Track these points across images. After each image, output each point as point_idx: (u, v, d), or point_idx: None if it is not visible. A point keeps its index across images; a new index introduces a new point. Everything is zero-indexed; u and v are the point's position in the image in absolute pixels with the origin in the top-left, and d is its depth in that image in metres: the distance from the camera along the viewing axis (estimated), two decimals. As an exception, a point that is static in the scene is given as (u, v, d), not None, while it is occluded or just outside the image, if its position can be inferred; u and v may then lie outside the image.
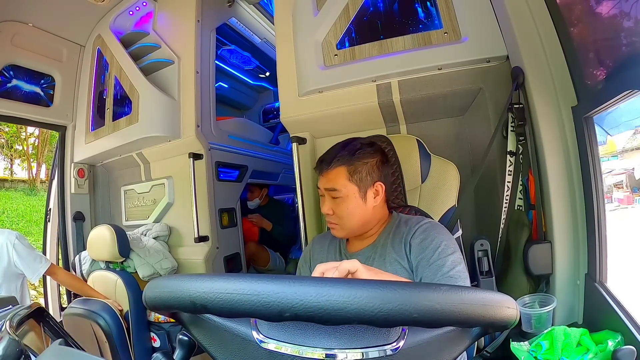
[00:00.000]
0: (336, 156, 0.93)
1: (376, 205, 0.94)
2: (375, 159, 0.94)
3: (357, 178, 0.91)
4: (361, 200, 0.91)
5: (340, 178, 0.91)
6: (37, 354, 0.66)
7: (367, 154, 0.93)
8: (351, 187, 0.91)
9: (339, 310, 0.35)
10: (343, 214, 0.92)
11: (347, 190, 0.91)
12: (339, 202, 0.92)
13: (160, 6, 2.05)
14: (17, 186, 9.83)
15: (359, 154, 0.93)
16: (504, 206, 1.21)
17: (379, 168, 0.94)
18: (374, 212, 0.94)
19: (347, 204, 0.91)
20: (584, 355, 0.81)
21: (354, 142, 0.96)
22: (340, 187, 0.91)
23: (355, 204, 0.91)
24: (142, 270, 1.78)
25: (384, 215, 0.99)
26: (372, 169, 0.93)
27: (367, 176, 0.92)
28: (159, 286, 0.45)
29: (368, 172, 0.92)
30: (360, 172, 0.91)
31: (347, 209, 0.91)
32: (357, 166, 0.91)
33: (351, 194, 0.91)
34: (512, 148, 1.22)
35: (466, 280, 0.81)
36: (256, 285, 0.38)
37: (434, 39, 1.29)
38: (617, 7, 0.88)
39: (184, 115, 1.88)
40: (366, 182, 0.92)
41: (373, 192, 0.93)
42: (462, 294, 0.38)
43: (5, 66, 1.94)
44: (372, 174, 0.93)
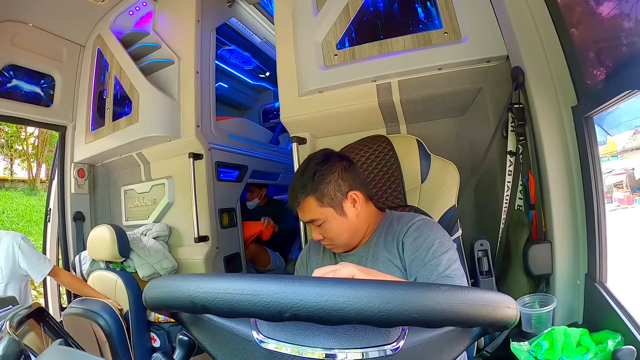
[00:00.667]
0: (299, 189, 0.92)
1: (359, 212, 0.93)
2: (335, 173, 0.92)
3: (327, 200, 0.90)
4: (341, 217, 0.91)
5: (313, 208, 0.91)
6: (37, 354, 0.66)
7: (327, 172, 0.91)
8: (326, 210, 0.91)
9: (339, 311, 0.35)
10: (331, 235, 0.93)
11: (324, 215, 0.91)
12: (324, 227, 0.93)
13: (160, 6, 2.05)
14: (17, 186, 9.83)
15: (319, 177, 0.91)
16: (504, 206, 1.21)
17: (343, 178, 0.92)
18: (359, 220, 0.94)
19: (330, 226, 0.92)
20: (584, 355, 0.81)
21: (309, 166, 0.94)
22: (317, 216, 0.91)
23: (338, 223, 0.91)
24: (142, 270, 1.78)
25: (373, 214, 0.98)
26: (337, 184, 0.91)
27: (337, 193, 0.91)
28: (159, 286, 0.45)
29: (335, 189, 0.91)
30: (328, 194, 0.90)
31: (332, 230, 0.92)
32: (321, 189, 0.90)
33: (329, 216, 0.91)
34: (512, 148, 1.22)
35: (462, 279, 0.81)
36: (256, 285, 0.38)
37: (434, 39, 1.29)
38: (618, 7, 0.88)
39: (184, 115, 1.88)
40: (337, 198, 0.91)
41: (350, 202, 0.92)
42: (462, 294, 0.38)
43: (5, 66, 1.94)
44: (340, 188, 0.91)
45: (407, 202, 1.17)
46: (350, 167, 0.96)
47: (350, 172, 0.94)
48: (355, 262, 0.93)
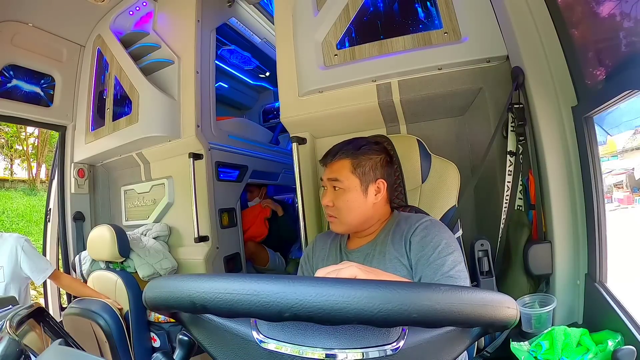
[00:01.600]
0: (342, 149, 0.96)
1: (377, 202, 0.95)
2: (380, 157, 0.96)
3: (360, 172, 0.93)
4: (362, 194, 0.93)
5: (344, 170, 0.93)
6: (37, 354, 0.66)
7: (373, 151, 0.96)
8: (353, 179, 0.93)
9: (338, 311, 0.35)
10: (342, 206, 0.93)
11: (349, 182, 0.92)
12: (340, 194, 0.93)
13: (160, 6, 2.05)
14: (17, 186, 9.82)
15: (364, 150, 0.95)
16: (504, 206, 1.21)
17: (382, 166, 0.96)
18: (374, 209, 0.95)
19: (347, 196, 0.93)
20: (584, 355, 0.81)
21: (360, 139, 0.99)
22: (343, 179, 0.93)
23: (355, 197, 0.92)
24: (142, 270, 1.78)
25: (385, 213, 0.99)
26: (375, 166, 0.95)
27: (370, 171, 0.94)
28: (158, 286, 0.45)
29: (371, 168, 0.94)
30: (363, 167, 0.93)
31: (346, 201, 0.93)
32: (361, 160, 0.93)
33: (352, 187, 0.92)
34: (512, 148, 1.22)
35: (466, 280, 0.81)
36: (256, 285, 0.38)
37: (434, 39, 1.29)
38: (617, 7, 0.88)
39: (184, 115, 1.88)
40: (369, 177, 0.93)
41: (375, 189, 0.94)
42: (461, 294, 0.38)
43: (5, 66, 1.94)
44: (375, 171, 0.94)
45: (407, 202, 1.17)
46: (391, 163, 1.01)
47: (389, 167, 0.99)
48: (362, 259, 0.93)
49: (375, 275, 0.62)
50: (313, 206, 1.58)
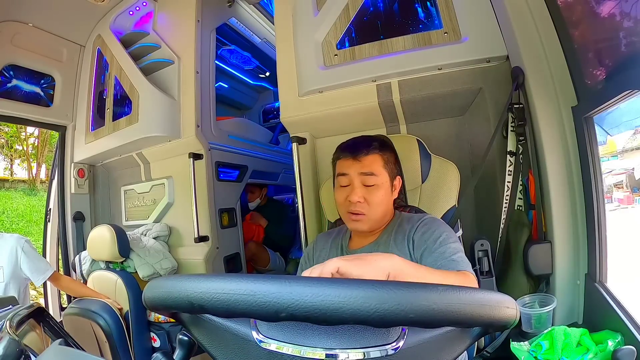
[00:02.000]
0: (371, 143, 0.93)
1: (392, 199, 0.95)
2: (395, 154, 0.98)
3: (389, 166, 0.93)
4: (389, 189, 0.93)
5: (376, 164, 0.91)
6: (37, 354, 0.66)
7: (391, 148, 0.97)
8: (385, 175, 0.92)
9: (334, 311, 0.35)
10: (375, 201, 0.90)
11: (382, 177, 0.91)
12: (373, 190, 0.90)
13: (160, 6, 2.05)
14: (17, 186, 9.82)
15: (387, 146, 0.96)
16: (504, 206, 1.21)
17: (398, 163, 0.98)
18: (389, 206, 0.96)
19: (379, 192, 0.90)
20: (584, 355, 0.81)
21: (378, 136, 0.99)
22: (378, 173, 0.90)
23: (385, 193, 0.91)
24: (142, 270, 1.78)
25: (391, 215, 0.99)
26: (395, 162, 0.97)
27: (394, 167, 0.95)
28: (158, 286, 0.45)
29: (394, 164, 0.95)
30: (390, 162, 0.94)
31: (378, 197, 0.90)
32: (388, 156, 0.94)
33: (384, 182, 0.91)
34: (512, 148, 1.22)
35: (468, 267, 0.80)
36: (252, 285, 0.38)
37: (434, 39, 1.29)
38: (617, 7, 0.88)
39: (184, 115, 1.88)
40: (393, 173, 0.94)
41: (393, 185, 0.95)
42: (459, 294, 0.38)
43: (5, 66, 1.94)
44: (396, 166, 0.96)
45: (407, 202, 1.17)
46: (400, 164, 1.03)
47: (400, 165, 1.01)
48: None
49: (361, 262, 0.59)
50: (313, 206, 1.58)
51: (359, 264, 0.57)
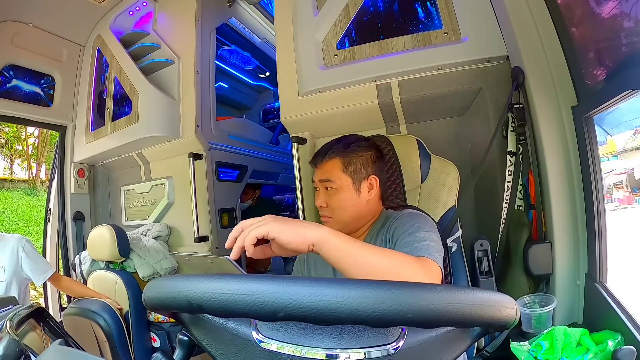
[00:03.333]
0: (331, 149, 0.95)
1: (370, 199, 0.95)
2: (369, 153, 0.96)
3: (352, 170, 0.93)
4: (355, 192, 0.93)
5: (335, 169, 0.93)
6: (37, 354, 0.66)
7: (362, 148, 0.96)
8: (345, 178, 0.92)
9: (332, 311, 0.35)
10: (336, 205, 0.93)
11: (341, 181, 0.92)
12: (333, 194, 0.93)
13: (160, 6, 2.05)
14: (17, 186, 9.82)
15: (354, 147, 0.95)
16: (504, 206, 1.21)
17: (373, 162, 0.96)
18: (368, 207, 0.95)
19: (340, 195, 0.92)
20: (584, 355, 0.81)
21: (349, 137, 0.99)
22: (335, 178, 0.92)
23: (348, 196, 0.92)
24: (142, 270, 1.78)
25: (377, 211, 0.99)
26: (366, 162, 0.94)
27: (362, 169, 0.93)
28: (157, 286, 0.45)
29: (362, 165, 0.94)
30: (354, 164, 0.93)
31: (340, 200, 0.92)
32: (351, 158, 0.93)
33: (345, 185, 0.92)
34: (512, 148, 1.21)
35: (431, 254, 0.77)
36: (250, 285, 0.38)
37: (434, 39, 1.29)
38: (618, 7, 0.88)
39: (184, 115, 1.88)
40: (360, 174, 0.93)
41: (367, 185, 0.94)
42: (458, 294, 0.38)
43: (5, 66, 1.94)
44: (367, 167, 0.94)
45: (407, 202, 1.17)
46: (382, 158, 1.00)
47: (380, 162, 0.98)
48: None
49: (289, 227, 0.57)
50: (313, 206, 1.58)
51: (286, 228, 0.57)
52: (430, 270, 0.73)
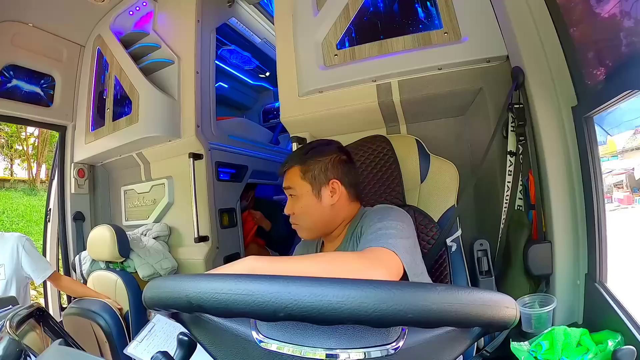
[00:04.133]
0: (291, 157, 0.97)
1: (335, 203, 0.94)
2: (329, 158, 0.95)
3: (310, 176, 0.93)
4: (315, 198, 0.93)
5: (294, 177, 0.94)
6: (37, 354, 0.66)
7: (321, 153, 0.95)
8: (304, 185, 0.93)
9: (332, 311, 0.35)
10: (299, 212, 0.94)
11: (300, 188, 0.93)
12: (295, 201, 0.94)
13: (160, 6, 2.05)
14: (17, 186, 9.82)
15: (311, 153, 0.95)
16: (504, 206, 1.21)
17: (335, 166, 0.95)
18: (333, 211, 0.94)
19: (301, 202, 0.93)
20: (584, 355, 0.81)
21: (311, 143, 1.00)
22: (294, 186, 0.94)
23: (308, 202, 0.93)
24: (142, 270, 1.78)
25: (351, 212, 0.98)
26: (325, 167, 0.94)
27: (321, 174, 0.93)
28: (157, 286, 0.45)
29: (321, 170, 0.93)
30: (312, 171, 0.93)
31: (301, 207, 0.93)
32: (309, 165, 0.94)
33: (305, 192, 0.93)
34: (512, 148, 1.21)
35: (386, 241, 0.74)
36: (251, 285, 0.38)
37: (434, 39, 1.29)
38: (617, 7, 0.88)
39: (184, 115, 1.88)
40: (320, 180, 0.93)
41: (329, 190, 0.93)
42: (458, 294, 0.38)
43: (5, 66, 1.94)
44: (327, 172, 0.93)
45: (406, 202, 1.17)
46: (347, 162, 0.98)
47: (343, 165, 0.97)
48: None
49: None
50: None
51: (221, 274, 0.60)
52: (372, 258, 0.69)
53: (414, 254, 0.80)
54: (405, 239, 0.78)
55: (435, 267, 1.11)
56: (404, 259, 0.71)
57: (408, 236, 0.80)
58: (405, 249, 0.74)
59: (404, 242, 0.76)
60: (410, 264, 0.73)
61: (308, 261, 0.66)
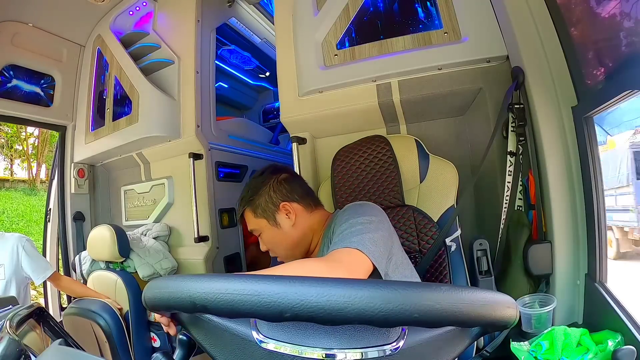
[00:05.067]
0: (240, 202, 1.00)
1: (294, 223, 0.94)
2: (268, 185, 0.96)
3: (260, 211, 0.96)
4: (275, 228, 0.95)
5: (250, 219, 0.98)
6: (37, 354, 0.66)
7: (258, 186, 0.97)
8: (260, 221, 0.96)
9: (339, 311, 0.35)
10: (269, 246, 0.98)
11: (259, 226, 0.96)
12: (262, 238, 0.98)
13: (160, 6, 2.05)
14: (17, 186, 9.83)
15: (251, 191, 0.97)
16: (504, 206, 1.21)
17: (275, 190, 0.96)
18: (298, 230, 0.95)
19: (265, 237, 0.97)
20: (584, 355, 0.81)
21: (250, 180, 1.01)
22: (254, 226, 0.97)
23: (272, 234, 0.96)
24: (142, 270, 1.78)
25: (318, 222, 0.97)
26: (269, 196, 0.95)
27: (268, 204, 0.95)
28: (158, 286, 0.44)
29: (267, 201, 0.95)
30: (259, 206, 0.96)
31: (270, 241, 0.97)
32: (254, 202, 0.96)
33: (264, 227, 0.96)
34: (512, 148, 1.21)
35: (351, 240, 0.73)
36: (257, 285, 0.38)
37: (434, 39, 1.29)
38: (617, 7, 0.88)
39: (184, 115, 1.88)
40: (269, 210, 0.95)
41: (284, 214, 0.94)
42: (462, 294, 0.38)
43: (5, 66, 1.94)
44: (272, 200, 0.95)
45: (405, 202, 1.17)
46: (288, 179, 0.99)
47: (286, 184, 0.97)
48: None
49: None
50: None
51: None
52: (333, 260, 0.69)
53: (386, 245, 0.78)
54: (372, 232, 0.76)
55: (434, 266, 1.11)
56: (370, 253, 0.71)
57: (377, 229, 0.78)
58: (373, 242, 0.73)
59: (371, 236, 0.75)
60: (380, 257, 0.73)
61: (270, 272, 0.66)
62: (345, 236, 0.75)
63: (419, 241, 1.11)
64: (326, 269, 0.65)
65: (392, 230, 0.86)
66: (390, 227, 0.85)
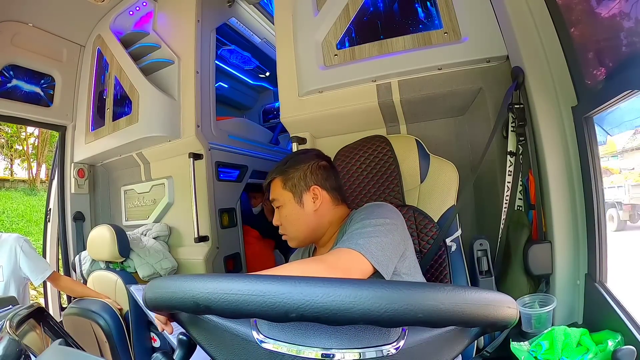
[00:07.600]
0: (273, 170, 0.99)
1: (318, 209, 0.95)
2: (307, 165, 0.97)
3: (290, 185, 0.95)
4: (298, 205, 0.94)
5: (277, 188, 0.97)
6: (37, 354, 0.66)
7: (299, 161, 0.98)
8: (286, 194, 0.96)
9: (345, 311, 0.35)
10: (285, 221, 0.96)
11: (283, 198, 0.96)
12: (280, 211, 0.97)
13: (160, 6, 2.05)
14: (17, 186, 9.82)
15: (290, 163, 0.98)
16: (504, 206, 1.21)
17: (313, 173, 0.96)
18: (317, 217, 0.95)
19: (285, 211, 0.96)
20: (584, 355, 0.81)
21: (289, 154, 1.02)
22: (277, 196, 0.97)
23: (292, 210, 0.95)
24: (142, 270, 1.78)
25: (339, 216, 0.98)
26: (304, 175, 0.96)
27: (301, 181, 0.95)
28: (160, 286, 0.44)
29: (301, 178, 0.95)
30: (292, 179, 0.96)
31: (286, 216, 0.96)
32: (288, 174, 0.96)
33: (287, 201, 0.95)
34: (512, 148, 1.22)
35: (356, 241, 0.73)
36: (262, 285, 0.37)
37: (434, 39, 1.29)
38: (617, 7, 0.88)
39: (184, 115, 1.88)
40: (300, 187, 0.95)
41: (311, 197, 0.95)
42: (465, 294, 0.38)
43: (5, 66, 1.94)
44: (306, 179, 0.96)
45: (405, 202, 1.17)
46: (327, 168, 1.00)
47: (324, 171, 0.98)
48: None
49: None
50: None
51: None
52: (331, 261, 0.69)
53: (396, 250, 0.78)
54: (381, 236, 0.76)
55: (434, 266, 1.11)
56: (372, 257, 0.71)
57: (388, 232, 0.78)
58: (379, 246, 0.74)
59: (378, 240, 0.75)
60: (385, 261, 0.73)
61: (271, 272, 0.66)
62: (353, 236, 0.76)
63: (419, 241, 1.11)
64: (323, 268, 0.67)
65: (405, 234, 0.87)
66: (404, 230, 0.87)
